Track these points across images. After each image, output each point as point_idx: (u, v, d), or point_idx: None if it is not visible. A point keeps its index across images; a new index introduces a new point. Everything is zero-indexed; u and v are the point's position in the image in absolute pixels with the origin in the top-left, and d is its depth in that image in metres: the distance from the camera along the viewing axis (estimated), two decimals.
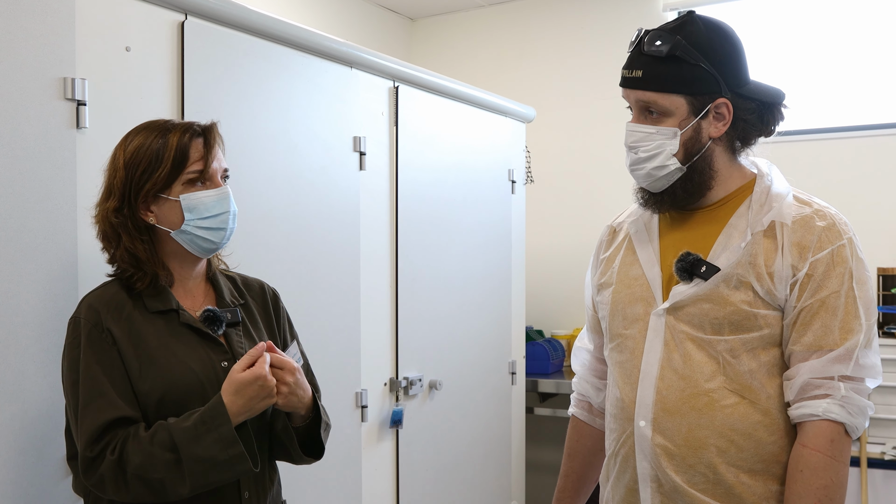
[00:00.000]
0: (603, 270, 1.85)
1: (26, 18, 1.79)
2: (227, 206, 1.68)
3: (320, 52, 2.58)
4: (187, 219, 1.64)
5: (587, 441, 1.96)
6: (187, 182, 1.65)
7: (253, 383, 1.56)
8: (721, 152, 1.69)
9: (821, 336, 1.58)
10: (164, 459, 1.51)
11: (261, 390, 1.57)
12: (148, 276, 1.65)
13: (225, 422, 1.53)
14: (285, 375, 1.61)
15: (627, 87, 1.68)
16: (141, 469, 1.51)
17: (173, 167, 1.63)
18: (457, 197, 3.29)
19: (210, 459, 1.52)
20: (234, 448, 1.53)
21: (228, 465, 1.53)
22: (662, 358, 1.67)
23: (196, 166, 1.65)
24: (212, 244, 1.68)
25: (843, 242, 1.60)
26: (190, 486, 1.52)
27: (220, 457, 1.52)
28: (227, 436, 1.52)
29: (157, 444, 1.52)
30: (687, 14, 1.67)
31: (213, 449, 1.52)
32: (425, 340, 3.09)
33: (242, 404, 1.56)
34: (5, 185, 1.75)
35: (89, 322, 1.60)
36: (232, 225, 1.70)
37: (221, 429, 1.52)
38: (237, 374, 1.57)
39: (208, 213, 1.66)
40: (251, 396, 1.56)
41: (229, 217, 1.69)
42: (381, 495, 2.88)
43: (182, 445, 1.51)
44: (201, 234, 1.66)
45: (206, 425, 1.53)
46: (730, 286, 1.62)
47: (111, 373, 1.57)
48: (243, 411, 1.56)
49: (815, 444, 1.56)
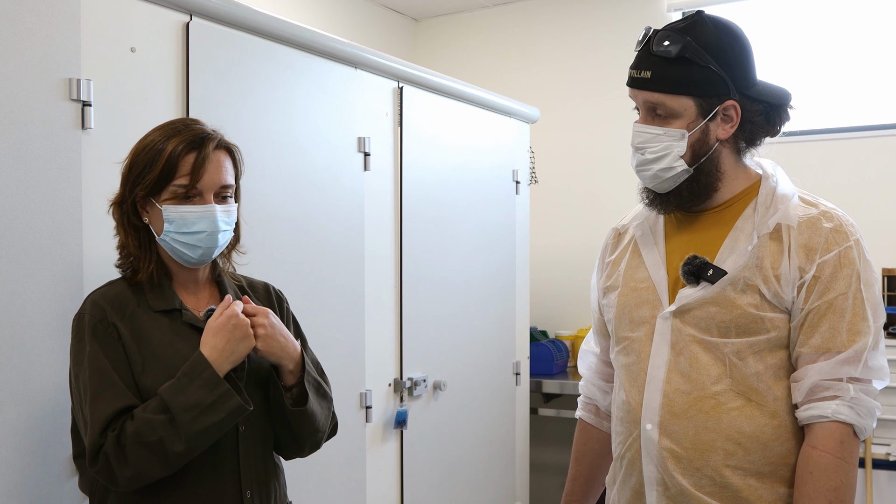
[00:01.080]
0: (609, 273, 1.85)
1: (31, 19, 1.79)
2: (209, 226, 1.65)
3: (324, 52, 2.57)
4: (166, 230, 1.64)
5: (594, 444, 1.95)
6: (173, 195, 1.63)
7: (226, 324, 1.59)
8: (727, 154, 1.68)
9: (829, 338, 1.57)
10: (158, 421, 1.52)
11: (235, 329, 1.59)
12: (140, 270, 1.67)
13: (206, 367, 1.55)
14: (259, 318, 1.64)
15: (635, 88, 1.66)
16: (137, 435, 1.52)
17: (160, 176, 1.62)
18: (461, 197, 3.29)
19: (198, 404, 1.53)
20: (219, 388, 1.54)
21: (218, 405, 1.54)
22: (669, 361, 1.66)
23: (182, 180, 1.63)
24: (189, 258, 1.67)
25: (851, 244, 1.59)
26: (185, 436, 1.52)
27: (207, 399, 1.53)
28: (211, 378, 1.55)
29: (150, 410, 1.54)
30: (696, 14, 1.65)
31: (200, 393, 1.53)
32: (429, 341, 3.09)
33: (222, 348, 1.58)
34: (11, 186, 1.75)
35: (94, 317, 1.61)
36: (211, 244, 1.67)
37: (204, 374, 1.55)
38: (213, 322, 1.60)
39: (187, 228, 1.64)
40: (228, 338, 1.58)
41: (208, 236, 1.65)
42: (386, 496, 2.88)
43: (170, 400, 1.53)
44: (178, 248, 1.66)
45: (188, 376, 1.55)
46: (736, 289, 1.61)
47: (118, 365, 1.59)
48: (224, 357, 1.58)
49: (824, 446, 1.55)
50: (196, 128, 1.67)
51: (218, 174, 1.66)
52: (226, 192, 1.69)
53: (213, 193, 1.66)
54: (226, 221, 1.68)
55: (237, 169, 1.74)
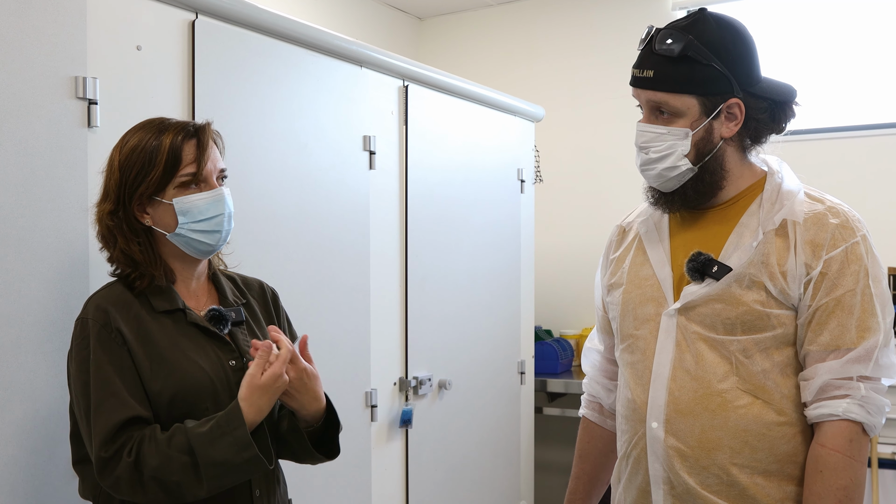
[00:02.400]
0: (613, 271, 1.84)
1: (38, 17, 1.79)
2: (222, 209, 1.66)
3: (330, 50, 2.58)
4: (181, 222, 1.63)
5: (598, 443, 1.95)
6: (181, 185, 1.63)
7: (272, 385, 1.58)
8: (732, 151, 1.67)
9: (838, 335, 1.56)
10: (180, 462, 1.51)
11: (279, 389, 1.59)
12: (146, 276, 1.65)
13: (240, 425, 1.53)
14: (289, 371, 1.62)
15: (638, 87, 1.66)
16: (158, 471, 1.51)
17: (166, 170, 1.61)
18: (466, 196, 3.29)
19: (225, 462, 1.52)
20: (248, 451, 1.53)
21: (244, 467, 1.54)
22: (674, 358, 1.66)
23: (189, 169, 1.63)
24: (208, 246, 1.67)
25: (857, 240, 1.58)
26: (207, 488, 1.53)
27: (235, 460, 1.52)
28: (242, 439, 1.53)
29: (174, 448, 1.52)
30: (698, 11, 1.64)
31: (229, 452, 1.52)
32: (435, 340, 3.09)
33: (264, 408, 1.57)
34: (17, 184, 1.75)
35: (98, 322, 1.59)
36: (227, 226, 1.68)
37: (236, 432, 1.53)
38: (258, 380, 1.57)
39: (202, 216, 1.64)
40: (271, 398, 1.58)
41: (224, 219, 1.67)
42: (391, 495, 2.88)
43: (198, 449, 1.51)
44: (196, 237, 1.65)
45: (221, 429, 1.53)
46: (742, 286, 1.60)
47: (122, 373, 1.56)
48: (262, 415, 1.58)
49: (833, 444, 1.55)
50: (176, 121, 1.67)
51: (215, 158, 1.68)
52: (223, 175, 1.71)
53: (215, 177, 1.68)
54: (231, 203, 1.70)
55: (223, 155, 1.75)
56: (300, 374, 1.63)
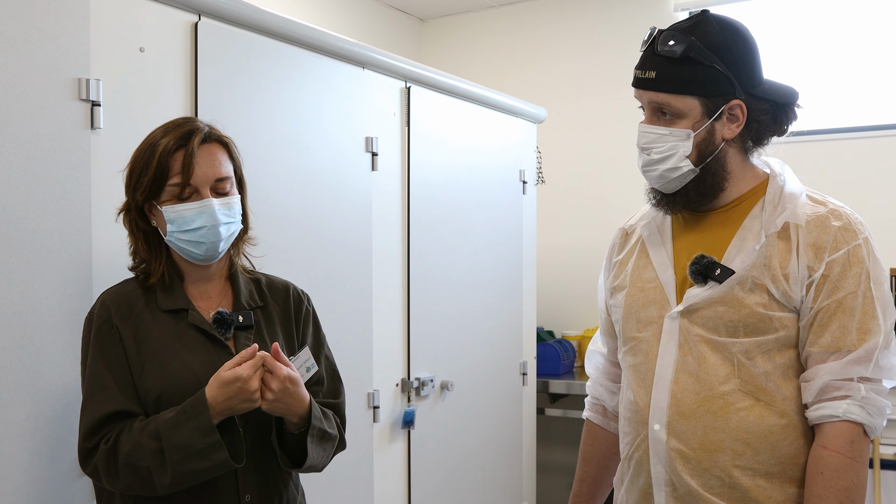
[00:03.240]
0: (616, 273, 1.84)
1: (41, 19, 1.80)
2: (207, 221, 1.64)
3: (332, 52, 2.58)
4: (169, 230, 1.64)
5: (602, 445, 1.95)
6: (171, 195, 1.63)
7: (232, 383, 1.55)
8: (734, 153, 1.67)
9: (839, 337, 1.56)
10: (150, 448, 1.53)
11: (239, 392, 1.55)
12: (153, 273, 1.67)
13: (203, 410, 1.54)
14: (272, 382, 1.59)
15: (640, 88, 1.66)
16: (129, 457, 1.54)
17: (155, 179, 1.63)
18: (468, 197, 3.29)
19: (188, 447, 1.53)
20: (211, 436, 1.53)
21: (206, 453, 1.53)
22: (677, 361, 1.66)
23: (175, 179, 1.63)
24: (197, 256, 1.67)
25: (859, 242, 1.58)
26: (171, 474, 1.53)
27: (197, 445, 1.53)
28: (204, 424, 1.53)
29: (145, 434, 1.55)
30: (701, 13, 1.64)
31: (192, 436, 1.53)
32: (437, 341, 3.09)
33: (222, 402, 1.56)
34: (20, 186, 1.76)
35: (100, 318, 1.64)
36: (214, 238, 1.66)
37: (200, 417, 1.53)
38: (221, 372, 1.56)
39: (187, 226, 1.63)
40: (230, 396, 1.55)
41: (209, 231, 1.64)
42: (393, 496, 2.88)
43: (163, 433, 1.53)
44: (185, 246, 1.66)
45: (186, 413, 1.55)
46: (745, 289, 1.60)
47: (115, 368, 1.60)
48: (223, 409, 1.56)
49: (835, 446, 1.55)
50: (186, 125, 1.67)
51: (211, 167, 1.65)
52: (223, 186, 1.68)
53: (210, 188, 1.65)
54: (226, 214, 1.67)
55: (234, 160, 1.73)
56: (283, 382, 1.60)
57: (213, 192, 1.66)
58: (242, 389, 1.55)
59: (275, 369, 1.59)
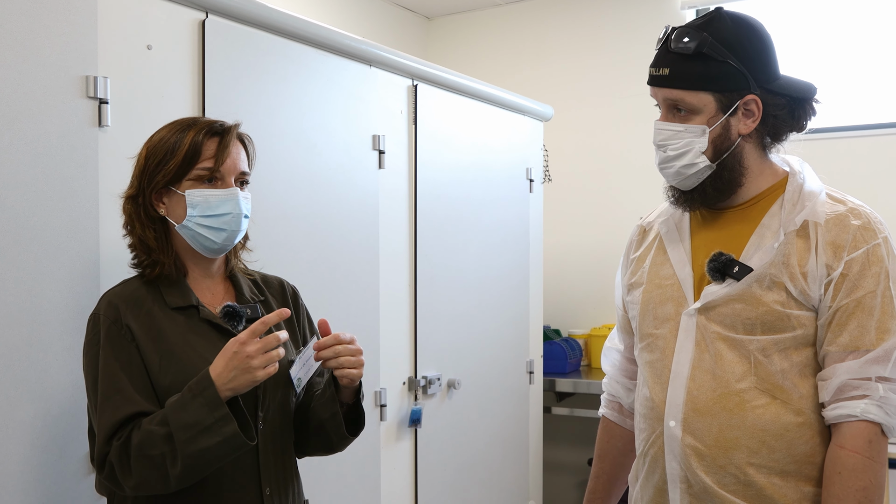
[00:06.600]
0: (633, 270, 1.84)
1: (49, 17, 1.79)
2: (233, 208, 1.66)
3: (339, 50, 2.57)
4: (189, 214, 1.64)
5: (618, 442, 1.95)
6: (197, 178, 1.65)
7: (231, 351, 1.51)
8: (751, 149, 1.67)
9: (857, 336, 1.55)
10: (160, 434, 1.50)
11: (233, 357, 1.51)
12: (158, 264, 1.66)
13: (209, 385, 1.51)
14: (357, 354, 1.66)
15: (655, 86, 1.66)
16: (141, 447, 1.51)
17: (184, 161, 1.63)
18: (475, 196, 3.28)
19: (196, 424, 1.49)
20: (219, 410, 1.50)
21: (216, 429, 1.49)
22: (693, 358, 1.65)
23: (206, 163, 1.64)
24: (213, 243, 1.67)
25: (879, 241, 1.58)
26: (181, 457, 1.49)
27: (205, 420, 1.50)
28: (211, 399, 1.50)
29: (154, 422, 1.52)
30: (714, 10, 1.65)
31: (200, 413, 1.50)
32: (444, 339, 3.09)
33: (225, 374, 1.51)
34: (28, 183, 1.75)
35: (108, 318, 1.60)
36: (235, 227, 1.67)
37: (206, 392, 1.51)
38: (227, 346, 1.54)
39: (211, 211, 1.65)
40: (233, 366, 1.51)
41: (232, 219, 1.66)
42: (400, 494, 2.88)
43: (171, 415, 1.51)
44: (202, 232, 1.65)
45: (191, 391, 1.52)
46: (763, 286, 1.60)
47: (129, 369, 1.58)
48: (227, 381, 1.51)
49: (852, 446, 1.54)
50: (208, 120, 1.70)
51: (238, 160, 1.69)
52: (244, 179, 1.72)
53: (234, 179, 1.68)
54: (247, 206, 1.70)
55: (250, 161, 1.76)
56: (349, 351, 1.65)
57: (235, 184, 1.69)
58: (237, 354, 1.51)
59: (342, 339, 1.64)
